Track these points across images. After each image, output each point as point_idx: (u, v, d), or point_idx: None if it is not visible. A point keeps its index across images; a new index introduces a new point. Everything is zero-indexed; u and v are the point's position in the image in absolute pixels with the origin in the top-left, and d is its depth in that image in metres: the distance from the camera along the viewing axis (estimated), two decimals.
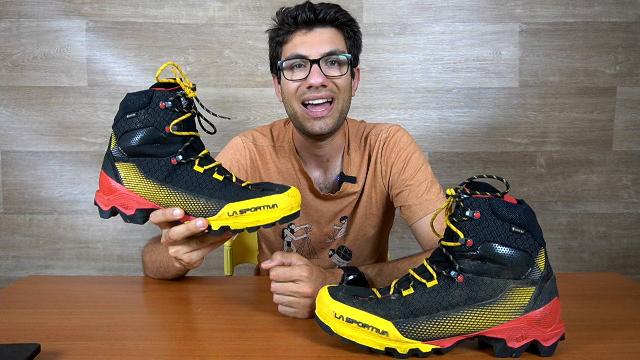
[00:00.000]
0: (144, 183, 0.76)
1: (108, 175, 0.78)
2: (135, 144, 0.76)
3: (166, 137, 0.76)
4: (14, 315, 0.86)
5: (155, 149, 0.76)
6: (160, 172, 0.76)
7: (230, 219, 0.74)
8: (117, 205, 0.78)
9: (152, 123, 0.75)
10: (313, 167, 1.17)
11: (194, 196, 0.75)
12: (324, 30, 1.04)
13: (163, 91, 0.76)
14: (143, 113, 0.75)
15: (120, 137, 0.77)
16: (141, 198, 0.77)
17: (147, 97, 0.76)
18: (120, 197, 0.78)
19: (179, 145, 0.76)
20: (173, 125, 0.75)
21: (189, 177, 0.76)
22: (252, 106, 1.94)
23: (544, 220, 1.97)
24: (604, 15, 1.92)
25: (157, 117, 0.75)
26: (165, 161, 0.76)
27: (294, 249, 1.21)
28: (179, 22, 1.90)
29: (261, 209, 0.73)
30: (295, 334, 0.77)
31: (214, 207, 0.74)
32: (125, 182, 0.77)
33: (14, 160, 1.93)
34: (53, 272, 1.96)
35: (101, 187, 0.80)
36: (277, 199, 0.74)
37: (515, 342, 0.67)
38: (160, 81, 0.79)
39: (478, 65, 1.93)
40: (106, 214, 0.80)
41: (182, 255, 0.79)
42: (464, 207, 0.67)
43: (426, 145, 1.95)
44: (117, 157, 0.78)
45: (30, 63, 1.90)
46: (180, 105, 0.76)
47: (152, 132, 0.75)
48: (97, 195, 0.81)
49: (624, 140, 1.96)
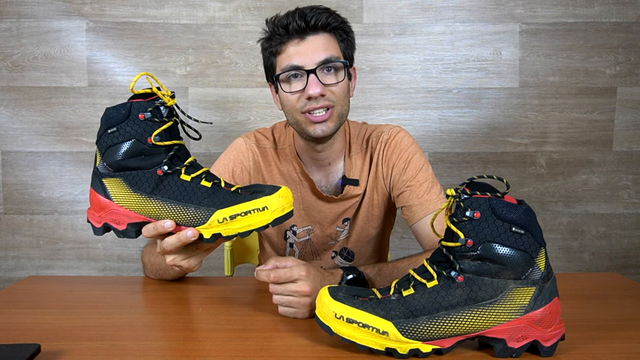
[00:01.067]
0: (132, 197, 0.75)
1: (97, 192, 0.78)
2: (119, 158, 0.75)
3: (149, 148, 0.74)
4: (13, 315, 0.86)
5: (140, 161, 0.75)
6: (147, 185, 0.75)
7: (221, 225, 0.73)
8: (109, 221, 0.78)
9: (133, 135, 0.74)
10: (314, 169, 1.16)
11: (182, 205, 0.74)
12: (317, 37, 1.02)
13: (141, 102, 0.75)
14: (123, 126, 0.74)
15: (104, 153, 0.76)
16: (131, 212, 0.76)
17: (125, 110, 0.74)
18: (110, 213, 0.77)
19: (163, 155, 0.75)
20: (155, 136, 0.74)
21: (176, 186, 0.75)
22: (252, 106, 1.94)
23: (544, 220, 1.97)
24: (604, 15, 1.92)
25: (137, 129, 0.74)
26: (150, 173, 0.75)
27: (297, 250, 1.21)
28: (179, 22, 1.90)
29: (251, 213, 0.72)
30: (295, 334, 0.77)
31: (204, 215, 0.73)
32: (114, 198, 0.76)
33: (14, 160, 1.93)
34: (53, 272, 1.96)
35: (91, 204, 0.79)
36: (267, 200, 0.72)
37: (515, 342, 0.67)
38: (136, 92, 0.77)
39: (478, 65, 1.93)
40: (99, 231, 0.79)
41: (180, 262, 0.79)
42: (464, 207, 0.67)
43: (426, 145, 1.95)
44: (103, 172, 0.77)
45: (30, 63, 1.90)
46: (160, 115, 0.75)
47: (135, 144, 0.74)
48: (88, 212, 0.80)
49: (624, 140, 1.96)
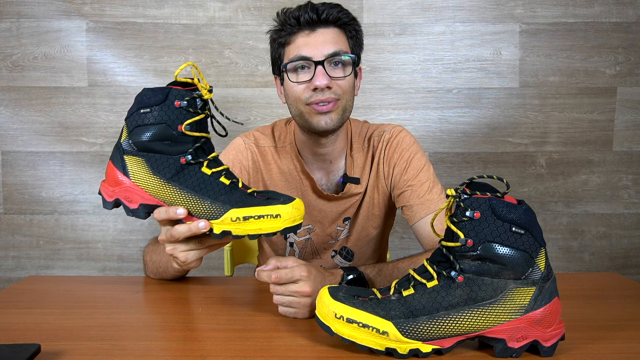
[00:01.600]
0: (150, 179, 0.76)
1: (115, 166, 0.78)
2: (145, 139, 0.76)
3: (177, 135, 0.75)
4: (14, 315, 0.86)
5: (165, 146, 0.76)
6: (168, 170, 0.76)
7: (233, 224, 0.74)
8: (121, 198, 0.78)
9: (164, 120, 0.75)
10: (315, 167, 1.16)
11: (199, 197, 0.75)
12: (327, 30, 1.03)
13: (180, 89, 0.76)
14: (157, 109, 0.75)
15: (132, 131, 0.77)
16: (146, 193, 0.77)
17: (163, 94, 0.75)
18: (125, 190, 0.78)
19: (189, 145, 0.76)
20: (186, 125, 0.75)
21: (195, 177, 0.76)
22: (252, 106, 1.94)
23: (544, 220, 1.97)
24: (604, 15, 1.92)
25: (170, 115, 0.75)
26: (174, 159, 0.76)
27: (297, 250, 1.21)
28: (179, 22, 1.90)
29: (264, 218, 0.73)
30: (295, 334, 0.77)
31: (218, 211, 0.74)
32: (132, 176, 0.77)
33: (14, 160, 1.93)
34: (53, 272, 1.96)
35: (107, 177, 0.80)
36: (281, 209, 0.73)
37: (515, 342, 0.67)
38: (178, 80, 0.78)
39: (478, 65, 1.93)
40: (109, 205, 0.80)
41: (178, 253, 0.79)
42: (464, 207, 0.67)
43: (426, 145, 1.95)
44: (127, 149, 0.77)
45: (30, 63, 1.90)
46: (195, 106, 0.76)
47: (164, 129, 0.75)
48: (102, 185, 0.81)
49: (624, 140, 1.96)
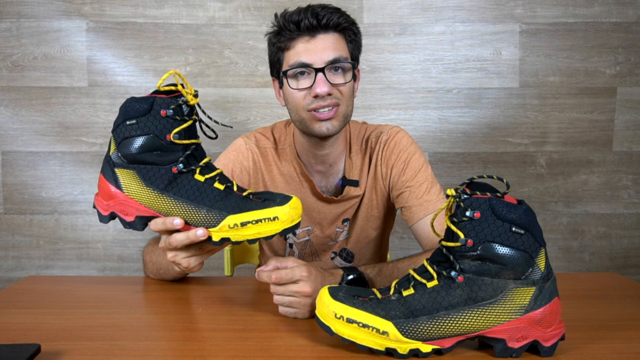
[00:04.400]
0: (143, 191, 0.75)
1: (107, 180, 0.77)
2: (134, 151, 0.74)
3: (167, 145, 0.74)
4: (13, 315, 0.86)
5: (156, 157, 0.75)
6: (161, 181, 0.75)
7: (231, 231, 0.73)
8: (117, 211, 0.77)
9: (152, 131, 0.74)
10: (314, 170, 1.16)
11: (195, 206, 0.74)
12: (327, 36, 1.02)
13: (164, 98, 0.74)
14: (143, 120, 0.74)
15: (120, 143, 0.75)
16: (141, 205, 0.76)
17: (147, 104, 0.74)
18: (119, 203, 0.77)
19: (180, 153, 0.75)
20: (174, 134, 0.74)
21: (189, 186, 0.75)
22: (252, 106, 1.94)
23: (544, 220, 1.97)
24: (604, 15, 1.92)
25: (157, 125, 0.74)
26: (165, 169, 0.75)
27: (296, 251, 1.21)
28: (179, 22, 1.90)
29: (262, 222, 0.73)
30: (295, 334, 0.77)
31: (215, 219, 0.73)
32: (125, 189, 0.76)
33: (14, 160, 1.92)
34: (53, 272, 1.96)
35: (100, 191, 0.79)
36: (278, 210, 0.73)
37: (515, 342, 0.67)
38: (161, 89, 0.77)
39: (478, 65, 1.93)
40: (105, 219, 0.79)
41: (180, 259, 0.79)
42: (464, 207, 0.67)
43: (426, 145, 1.95)
44: (117, 162, 0.76)
45: (30, 63, 1.90)
46: (181, 113, 0.75)
47: (153, 139, 0.74)
48: (96, 198, 0.80)
49: (624, 140, 1.96)
